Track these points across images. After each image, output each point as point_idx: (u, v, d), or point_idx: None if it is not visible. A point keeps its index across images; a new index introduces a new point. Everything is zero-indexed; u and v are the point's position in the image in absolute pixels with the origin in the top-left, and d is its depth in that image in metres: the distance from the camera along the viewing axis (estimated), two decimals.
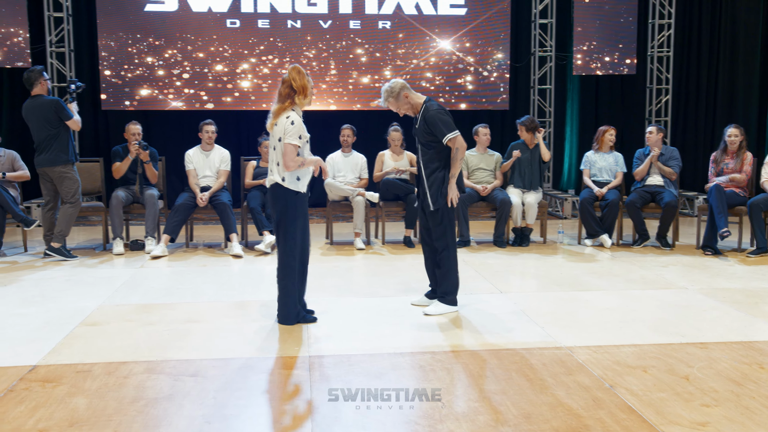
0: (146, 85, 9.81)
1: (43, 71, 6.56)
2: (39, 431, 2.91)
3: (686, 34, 11.08)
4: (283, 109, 4.34)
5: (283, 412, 3.13)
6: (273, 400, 3.25)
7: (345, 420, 3.03)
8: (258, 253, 6.88)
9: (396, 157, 7.51)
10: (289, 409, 3.16)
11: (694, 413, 3.09)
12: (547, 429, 2.94)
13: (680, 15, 10.89)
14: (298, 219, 4.36)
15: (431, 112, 4.65)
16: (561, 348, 3.99)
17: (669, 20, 10.72)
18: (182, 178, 8.74)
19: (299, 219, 4.36)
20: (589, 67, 10.46)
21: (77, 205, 6.64)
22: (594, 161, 7.54)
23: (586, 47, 10.39)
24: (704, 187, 7.21)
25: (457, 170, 4.67)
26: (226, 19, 9.85)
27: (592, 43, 10.39)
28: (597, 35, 10.37)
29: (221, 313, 4.75)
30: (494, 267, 6.29)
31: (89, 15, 9.91)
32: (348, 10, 10.02)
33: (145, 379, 3.49)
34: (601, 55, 10.43)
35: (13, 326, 4.42)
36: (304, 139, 4.33)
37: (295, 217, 4.35)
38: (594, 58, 10.43)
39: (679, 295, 5.27)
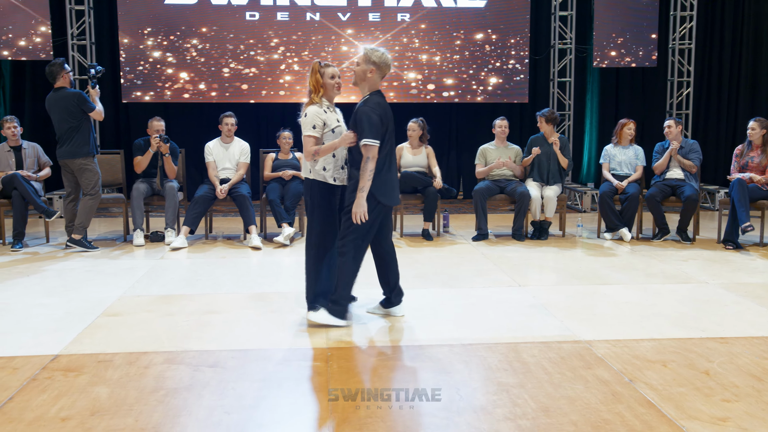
0: (166, 78, 9.86)
1: (65, 64, 6.61)
2: (61, 419, 2.94)
3: (708, 26, 10.96)
4: (305, 106, 4.37)
5: (302, 404, 3.15)
6: (291, 391, 3.26)
7: (362, 413, 3.04)
8: (277, 245, 6.91)
9: (414, 150, 7.50)
10: (307, 401, 3.17)
11: (714, 408, 3.07)
12: (565, 423, 2.93)
13: (702, 7, 10.77)
14: (316, 209, 4.35)
15: (364, 107, 4.19)
16: (580, 342, 3.98)
17: (691, 12, 10.60)
18: (202, 171, 8.80)
19: (317, 209, 4.36)
20: (609, 59, 10.37)
21: (97, 197, 6.70)
22: (613, 155, 7.48)
23: (606, 39, 10.30)
24: (727, 178, 7.14)
25: (365, 184, 4.07)
26: (245, 12, 9.88)
27: (612, 35, 10.30)
28: (617, 27, 10.28)
29: (240, 305, 4.78)
30: (513, 260, 6.27)
31: (110, 8, 9.98)
32: (367, 2, 10.01)
33: (165, 369, 3.52)
34: (622, 48, 10.34)
35: (36, 316, 4.48)
36: (319, 129, 4.29)
37: (313, 208, 4.35)
38: (614, 51, 10.34)
39: (699, 289, 5.23)
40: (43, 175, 7.19)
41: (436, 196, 7.24)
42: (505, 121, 7.55)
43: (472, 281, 5.48)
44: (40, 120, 9.67)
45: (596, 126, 11.04)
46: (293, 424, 2.95)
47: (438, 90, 10.22)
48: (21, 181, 6.73)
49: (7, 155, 7.04)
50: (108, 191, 8.98)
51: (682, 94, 10.82)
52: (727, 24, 10.90)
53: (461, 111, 10.85)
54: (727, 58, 10.96)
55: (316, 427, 2.92)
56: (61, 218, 7.47)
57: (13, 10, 9.33)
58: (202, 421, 2.94)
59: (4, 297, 4.96)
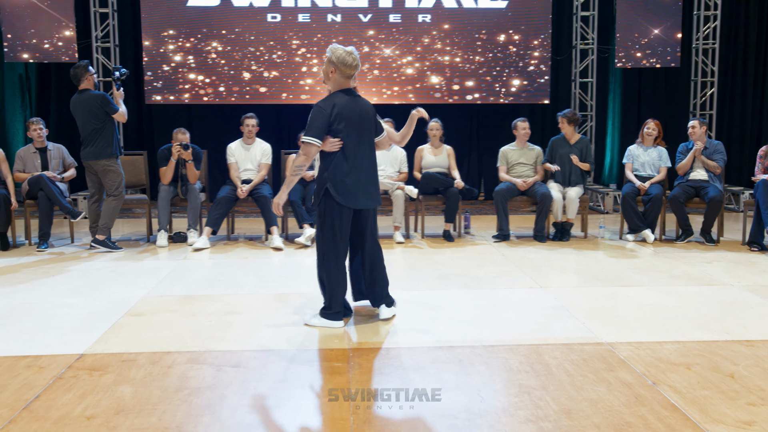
0: (189, 79, 9.94)
1: (89, 66, 6.68)
2: (87, 418, 2.98)
3: (733, 26, 10.86)
4: None
5: (323, 405, 3.16)
6: (313, 392, 3.27)
7: (383, 413, 3.04)
8: (298, 245, 6.94)
9: (435, 150, 7.49)
10: (329, 402, 3.18)
11: (739, 412, 3.04)
12: (587, 425, 2.92)
13: (726, 6, 10.66)
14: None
15: (315, 105, 4.23)
16: (602, 344, 3.96)
17: (715, 11, 10.50)
18: (224, 172, 8.85)
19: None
20: (631, 59, 10.30)
21: (120, 198, 6.77)
22: (637, 155, 7.42)
23: (628, 40, 10.23)
24: (752, 179, 7.06)
25: (289, 178, 4.24)
26: (266, 14, 9.93)
27: (635, 36, 10.22)
28: (640, 27, 10.21)
29: (262, 305, 4.80)
30: (534, 262, 6.25)
31: (133, 10, 10.09)
32: (388, 4, 10.02)
33: (188, 369, 3.55)
34: (645, 48, 10.26)
35: (61, 315, 4.53)
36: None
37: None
38: (637, 51, 10.26)
39: (723, 291, 5.18)
40: (68, 176, 7.28)
41: (457, 197, 7.23)
42: (526, 122, 7.52)
43: (493, 282, 5.47)
44: (65, 122, 9.79)
45: (618, 127, 10.96)
46: (315, 424, 2.96)
47: (459, 91, 10.20)
48: (47, 182, 6.81)
49: (32, 156, 7.13)
50: (131, 192, 9.06)
51: (706, 95, 10.72)
52: (752, 23, 10.78)
53: (482, 112, 10.82)
54: (751, 57, 10.84)
55: (337, 428, 2.93)
56: (85, 219, 7.55)
57: (39, 14, 9.45)
58: (225, 420, 2.96)
59: (31, 297, 5.02)
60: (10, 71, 10.05)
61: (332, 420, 3.00)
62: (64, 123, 9.90)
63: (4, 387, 3.31)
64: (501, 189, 7.24)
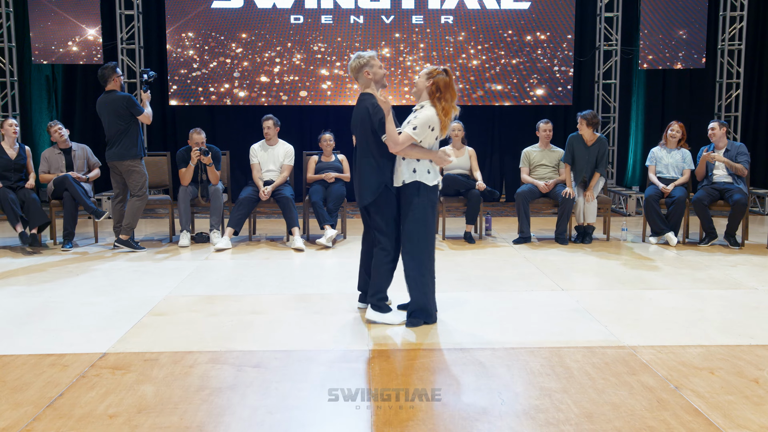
0: (212, 81, 10.01)
1: (117, 68, 6.74)
2: (109, 416, 3.01)
3: (759, 27, 10.71)
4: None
5: (344, 405, 3.16)
6: (333, 393, 3.28)
7: (403, 414, 3.04)
8: (319, 247, 6.95)
9: (457, 152, 7.47)
10: (349, 403, 3.19)
11: (764, 417, 3.00)
12: (609, 429, 2.89)
13: (753, 7, 10.53)
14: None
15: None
16: (624, 347, 3.93)
17: (741, 12, 10.38)
18: (246, 173, 8.90)
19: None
20: (656, 61, 10.21)
21: (144, 198, 6.83)
22: (660, 157, 7.35)
23: (653, 41, 10.15)
24: None
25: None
26: (290, 15, 9.98)
27: (659, 37, 10.14)
28: (664, 28, 10.12)
29: (283, 306, 4.82)
30: (556, 264, 6.21)
31: (158, 12, 10.18)
32: (411, 5, 10.03)
33: (210, 369, 3.57)
34: (669, 49, 10.17)
35: (85, 314, 4.58)
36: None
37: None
38: (661, 52, 10.18)
39: (748, 295, 5.11)
40: (92, 176, 7.36)
41: (478, 199, 7.20)
42: (549, 124, 7.48)
43: (514, 285, 5.45)
44: (90, 123, 9.92)
45: (642, 128, 10.87)
46: (335, 425, 2.97)
47: (481, 93, 10.18)
48: (72, 182, 6.89)
49: (57, 158, 7.22)
50: (154, 193, 9.15)
51: (731, 96, 10.60)
52: None
53: (504, 113, 10.78)
54: None
55: (357, 428, 2.93)
56: (109, 219, 7.63)
57: (65, 16, 9.57)
58: (246, 420, 2.98)
59: (55, 295, 5.08)
60: (37, 73, 10.19)
61: (352, 419, 3.00)
62: (89, 124, 10.02)
63: (29, 385, 3.35)
64: (522, 191, 7.21)
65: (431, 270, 4.35)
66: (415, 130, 4.17)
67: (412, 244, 4.27)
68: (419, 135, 4.19)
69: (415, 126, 4.18)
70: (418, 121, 4.19)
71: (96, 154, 7.54)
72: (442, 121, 4.22)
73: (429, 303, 4.35)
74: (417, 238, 4.26)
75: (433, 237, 4.35)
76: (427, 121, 4.19)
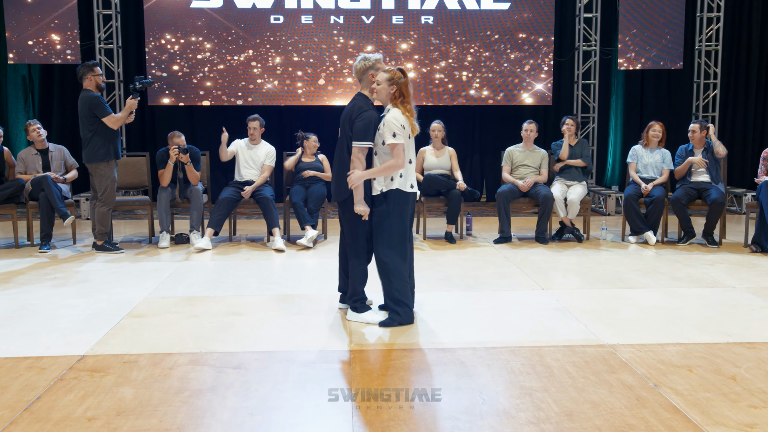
0: (191, 81, 9.95)
1: (94, 66, 6.64)
2: (88, 419, 2.98)
3: (736, 28, 10.84)
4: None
5: (325, 406, 3.16)
6: (315, 393, 3.27)
7: (384, 415, 3.04)
8: (300, 247, 6.94)
9: (437, 152, 7.48)
10: (330, 404, 3.18)
11: (741, 414, 3.03)
12: (589, 427, 2.91)
13: (729, 8, 10.65)
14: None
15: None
16: (604, 346, 3.95)
17: (718, 13, 10.49)
18: (226, 173, 8.87)
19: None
20: (634, 61, 10.29)
21: (107, 204, 6.69)
22: (641, 156, 7.40)
23: (631, 42, 10.23)
24: (755, 181, 7.04)
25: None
26: (269, 15, 9.95)
27: (638, 38, 10.22)
28: (643, 29, 10.20)
29: (264, 307, 4.80)
30: (536, 263, 6.24)
31: (137, 12, 10.11)
32: (391, 5, 10.03)
33: (190, 371, 3.54)
34: (647, 50, 10.25)
35: (63, 317, 4.53)
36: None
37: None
38: (640, 53, 10.26)
39: (726, 293, 5.17)
40: (69, 177, 7.28)
41: (459, 199, 7.22)
42: (533, 124, 7.51)
43: (495, 284, 5.47)
44: (68, 123, 9.83)
45: (621, 129, 10.95)
46: (316, 426, 2.96)
47: (461, 93, 10.20)
48: (50, 183, 6.80)
49: (34, 158, 7.14)
50: (133, 193, 9.07)
51: (709, 96, 10.71)
52: (755, 25, 10.76)
53: (484, 113, 10.81)
54: (754, 59, 10.82)
55: (339, 429, 2.93)
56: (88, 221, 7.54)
57: (42, 15, 9.47)
58: (226, 422, 2.96)
59: (32, 298, 5.03)
60: (14, 73, 10.07)
61: (334, 421, 3.00)
62: (66, 124, 9.93)
63: (6, 388, 3.31)
64: (503, 191, 7.24)
65: (400, 271, 4.34)
66: (395, 136, 4.22)
67: (379, 246, 4.34)
68: (402, 137, 4.24)
69: (394, 132, 4.22)
70: (393, 127, 4.23)
71: (73, 155, 7.46)
72: (409, 120, 4.31)
73: (398, 304, 4.36)
74: (384, 241, 4.32)
75: (404, 238, 4.36)
76: (399, 123, 4.24)
